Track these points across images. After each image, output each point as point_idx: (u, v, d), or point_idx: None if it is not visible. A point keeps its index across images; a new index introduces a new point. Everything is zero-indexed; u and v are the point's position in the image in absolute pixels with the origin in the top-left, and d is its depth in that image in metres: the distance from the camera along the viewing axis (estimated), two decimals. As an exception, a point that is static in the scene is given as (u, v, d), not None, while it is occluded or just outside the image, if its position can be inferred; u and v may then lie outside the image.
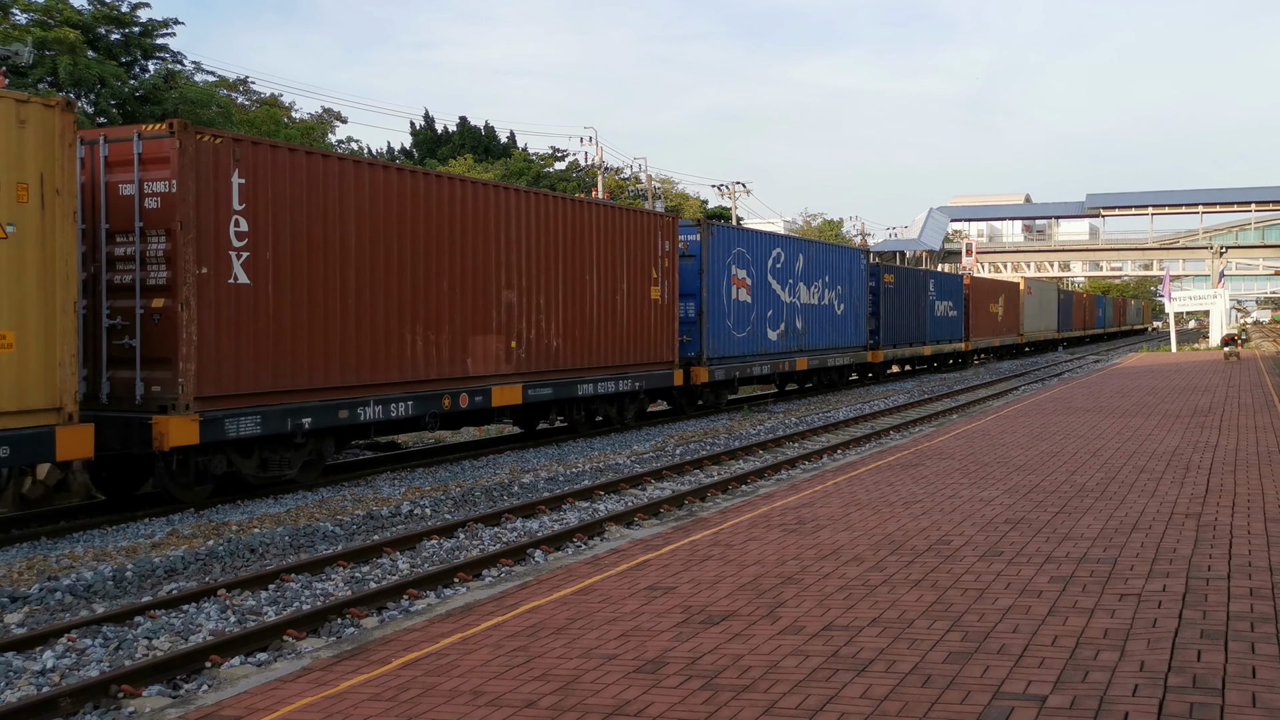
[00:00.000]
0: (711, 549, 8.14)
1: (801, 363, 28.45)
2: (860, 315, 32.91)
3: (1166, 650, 5.32)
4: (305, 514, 12.60)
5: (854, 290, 32.38)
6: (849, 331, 31.96)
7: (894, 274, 36.50)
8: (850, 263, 32.47)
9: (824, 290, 30.15)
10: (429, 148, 63.91)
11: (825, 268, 30.22)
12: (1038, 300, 60.87)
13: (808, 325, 28.94)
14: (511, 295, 17.35)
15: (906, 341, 37.68)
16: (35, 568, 10.01)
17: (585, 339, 19.31)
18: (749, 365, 25.53)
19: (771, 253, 27.14)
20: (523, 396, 17.52)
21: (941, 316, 41.93)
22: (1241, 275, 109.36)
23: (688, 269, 23.26)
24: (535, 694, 5.04)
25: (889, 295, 35.56)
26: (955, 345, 43.62)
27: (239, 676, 6.88)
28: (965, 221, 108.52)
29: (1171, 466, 11.78)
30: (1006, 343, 53.08)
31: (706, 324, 23.43)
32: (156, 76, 34.76)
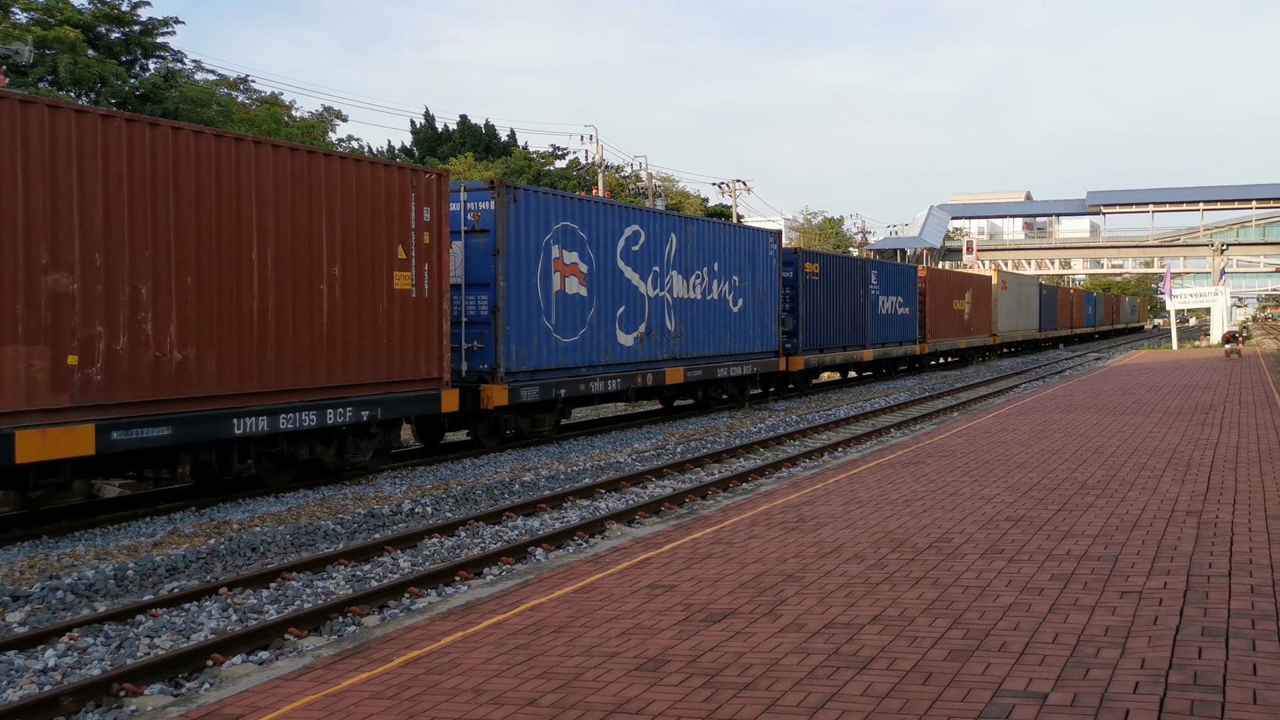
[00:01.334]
0: (712, 547, 8.14)
1: (674, 374, 22.04)
2: (768, 313, 26.77)
3: (1167, 647, 5.32)
4: (306, 512, 12.61)
5: (760, 282, 26.28)
6: (752, 333, 25.93)
7: (820, 263, 30.23)
8: (753, 248, 26.23)
9: (711, 281, 23.94)
10: (429, 146, 63.90)
11: (713, 253, 24.12)
12: (1014, 296, 54.12)
13: (686, 326, 22.82)
14: (66, 280, 10.90)
15: (839, 344, 31.40)
16: (37, 566, 10.02)
17: (249, 347, 12.79)
18: (584, 380, 19.21)
19: (624, 231, 20.70)
20: (95, 446, 11.00)
21: (888, 315, 35.64)
22: (1243, 273, 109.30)
23: (478, 249, 17.19)
24: (536, 692, 5.05)
25: (813, 289, 29.39)
26: (908, 348, 37.67)
27: (241, 675, 6.89)
28: (966, 219, 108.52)
29: (1173, 464, 11.78)
30: (975, 344, 46.79)
31: (507, 325, 17.18)
32: (156, 75, 34.76)
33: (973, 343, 46.40)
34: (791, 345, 28.34)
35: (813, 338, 29.55)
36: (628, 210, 21.41)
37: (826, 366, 32.02)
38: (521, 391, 17.54)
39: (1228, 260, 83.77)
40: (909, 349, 37.91)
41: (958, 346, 44.08)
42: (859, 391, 31.66)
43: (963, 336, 44.71)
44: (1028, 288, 58.35)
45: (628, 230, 20.96)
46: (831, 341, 30.87)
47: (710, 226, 24.66)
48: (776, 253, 27.60)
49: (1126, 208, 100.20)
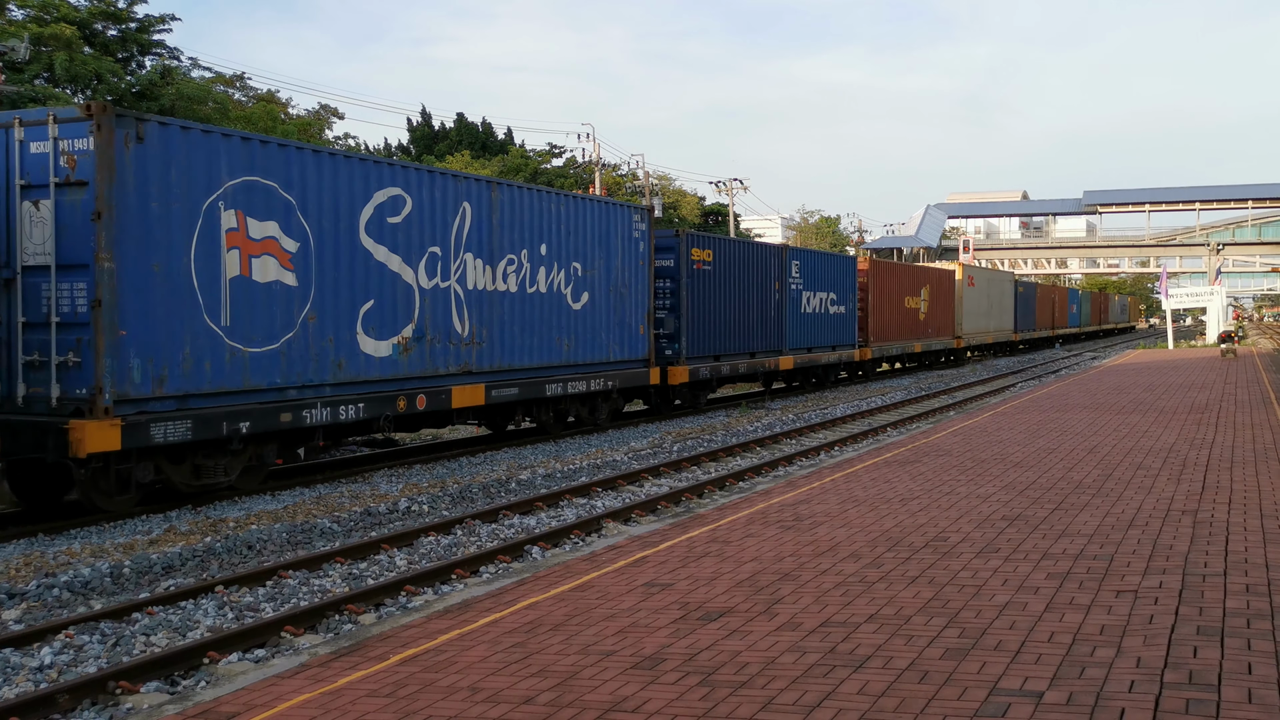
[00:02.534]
0: (709, 546, 8.15)
1: (467, 394, 16.46)
2: (632, 312, 21.18)
3: (1163, 647, 5.33)
4: (303, 511, 12.60)
5: (619, 272, 20.72)
6: (606, 338, 20.29)
7: (714, 249, 24.51)
8: (605, 227, 20.25)
9: (536, 270, 18.29)
10: (426, 144, 63.87)
11: (538, 231, 18.33)
12: (983, 294, 48.34)
13: (492, 329, 17.22)
14: None
15: (743, 350, 25.79)
16: (33, 564, 10.01)
17: None
18: (291, 408, 13.52)
19: (373, 196, 14.75)
20: None
21: (816, 314, 30.15)
22: (1239, 272, 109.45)
23: (74, 211, 11.56)
24: (533, 690, 5.05)
25: (703, 282, 23.83)
26: (844, 353, 31.90)
27: (237, 673, 6.88)
28: (963, 218, 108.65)
29: (1168, 463, 11.80)
30: (935, 347, 41.06)
31: (121, 328, 11.60)
32: (153, 72, 34.71)
33: (931, 346, 40.58)
34: (672, 352, 22.73)
35: (703, 342, 23.80)
36: (380, 167, 15.04)
37: (726, 378, 25.70)
38: (154, 429, 11.80)
39: (1224, 260, 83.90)
40: (845, 354, 32.11)
41: (911, 350, 38.34)
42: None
43: (918, 339, 38.95)
44: (1000, 284, 52.53)
45: (380, 195, 14.91)
46: (732, 346, 25.20)
47: (532, 196, 18.40)
48: (646, 235, 21.48)
49: (1123, 207, 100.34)
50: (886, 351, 35.96)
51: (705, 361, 24.05)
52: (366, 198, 14.71)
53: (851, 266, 33.23)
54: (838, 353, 31.64)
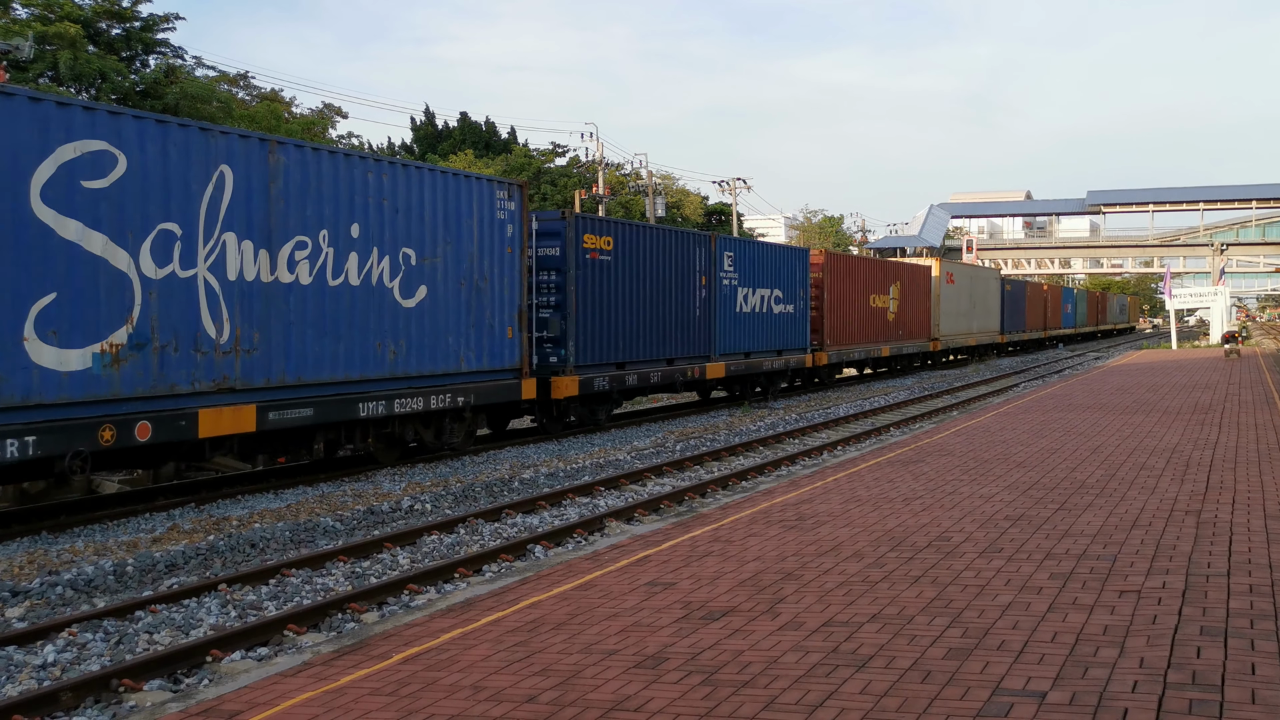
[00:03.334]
0: (711, 545, 8.15)
1: (228, 418, 12.61)
2: (500, 310, 17.23)
3: (1166, 647, 5.33)
4: (306, 509, 12.62)
5: (476, 261, 16.70)
6: (454, 343, 16.31)
7: (615, 236, 20.53)
8: (456, 204, 16.32)
9: (348, 255, 14.37)
10: (430, 143, 63.89)
11: (350, 207, 14.37)
12: (964, 292, 44.63)
13: (276, 332, 13.33)
14: None
15: (657, 356, 21.98)
16: (36, 562, 10.02)
17: None
18: None
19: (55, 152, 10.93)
20: None
21: (756, 314, 26.46)
22: (1242, 273, 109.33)
23: None
24: (535, 689, 5.05)
25: (600, 276, 19.98)
26: (792, 358, 28.17)
27: (240, 671, 6.89)
28: (966, 218, 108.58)
29: (1172, 463, 11.78)
30: (907, 350, 37.54)
31: None
32: (157, 71, 34.76)
33: (902, 349, 37.00)
34: (558, 360, 19.13)
35: (600, 347, 20.11)
36: (69, 111, 11.17)
37: (632, 389, 21.66)
38: None
39: (1227, 260, 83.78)
40: (794, 359, 28.35)
41: (877, 354, 34.63)
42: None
43: (886, 342, 35.32)
44: (984, 282, 48.89)
45: (69, 150, 11.08)
46: (642, 351, 21.50)
47: (336, 162, 14.27)
48: (516, 216, 17.50)
49: (1126, 207, 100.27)
50: (847, 356, 32.23)
51: (603, 370, 20.19)
52: (44, 152, 10.82)
53: (801, 260, 29.33)
54: (785, 358, 27.77)
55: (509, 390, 17.59)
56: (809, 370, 30.20)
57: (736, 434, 20.00)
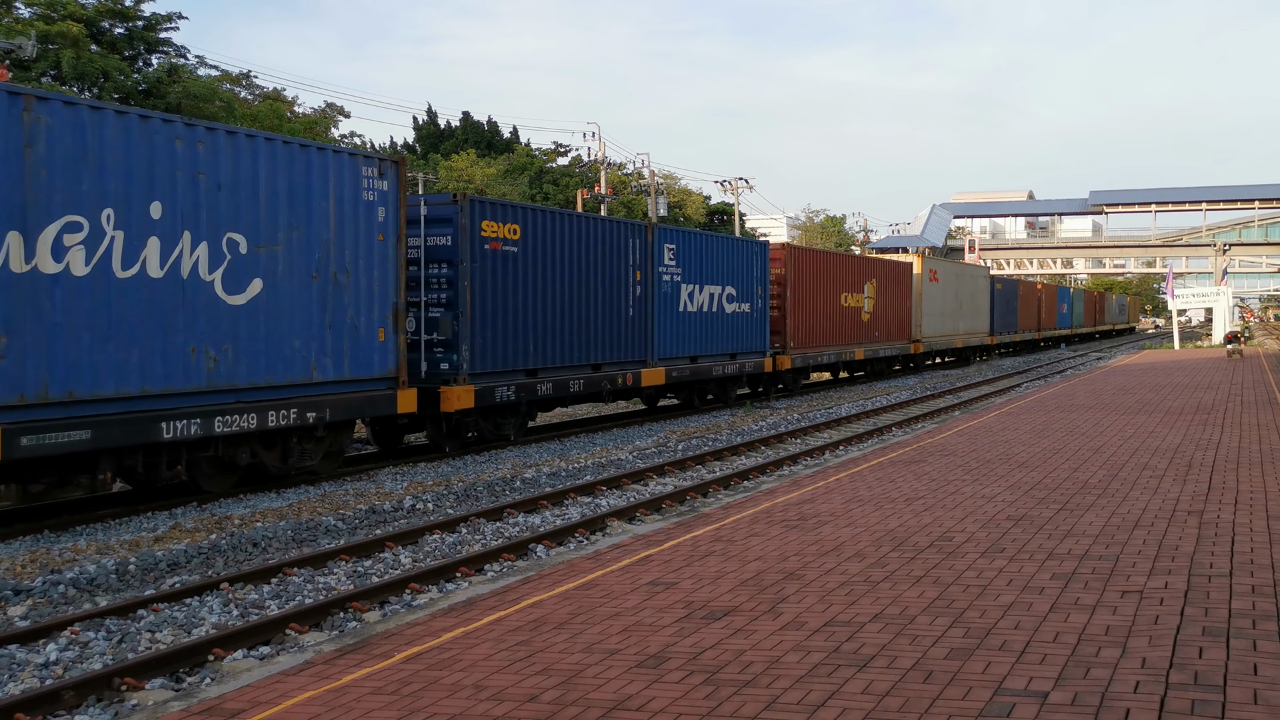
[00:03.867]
0: (713, 545, 8.15)
1: None
2: (366, 307, 14.63)
3: (1168, 647, 5.32)
4: (308, 508, 12.62)
5: (337, 249, 14.15)
6: (305, 346, 13.73)
7: (523, 223, 17.94)
8: (306, 181, 13.67)
9: (147, 241, 11.87)
10: (432, 142, 63.92)
11: (150, 183, 11.91)
12: (949, 290, 42.03)
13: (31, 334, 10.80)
14: None
15: (578, 360, 19.42)
16: (38, 561, 10.03)
17: None
18: None
19: None
20: None
21: (705, 314, 23.89)
22: (1245, 273, 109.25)
23: None
24: (537, 688, 5.05)
25: (505, 269, 17.44)
26: (748, 361, 25.73)
27: (241, 670, 6.89)
28: (968, 218, 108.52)
29: (1174, 464, 11.77)
30: (885, 353, 35.22)
31: None
32: (160, 70, 34.79)
33: (879, 351, 34.58)
34: (449, 366, 16.62)
35: (504, 352, 17.50)
36: None
37: (547, 399, 18.96)
38: None
39: (1230, 260, 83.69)
40: (752, 363, 25.96)
41: (850, 357, 32.04)
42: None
43: (861, 344, 32.86)
44: (971, 280, 46.10)
45: None
46: (558, 357, 18.86)
47: (127, 124, 11.66)
48: (389, 198, 14.81)
49: (1129, 207, 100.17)
50: (814, 359, 29.56)
51: (508, 379, 17.59)
52: None
53: (759, 255, 26.70)
54: (740, 362, 25.37)
55: (379, 403, 14.87)
56: (770, 375, 27.54)
57: (738, 433, 20.00)
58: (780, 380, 28.80)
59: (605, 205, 49.52)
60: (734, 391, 26.34)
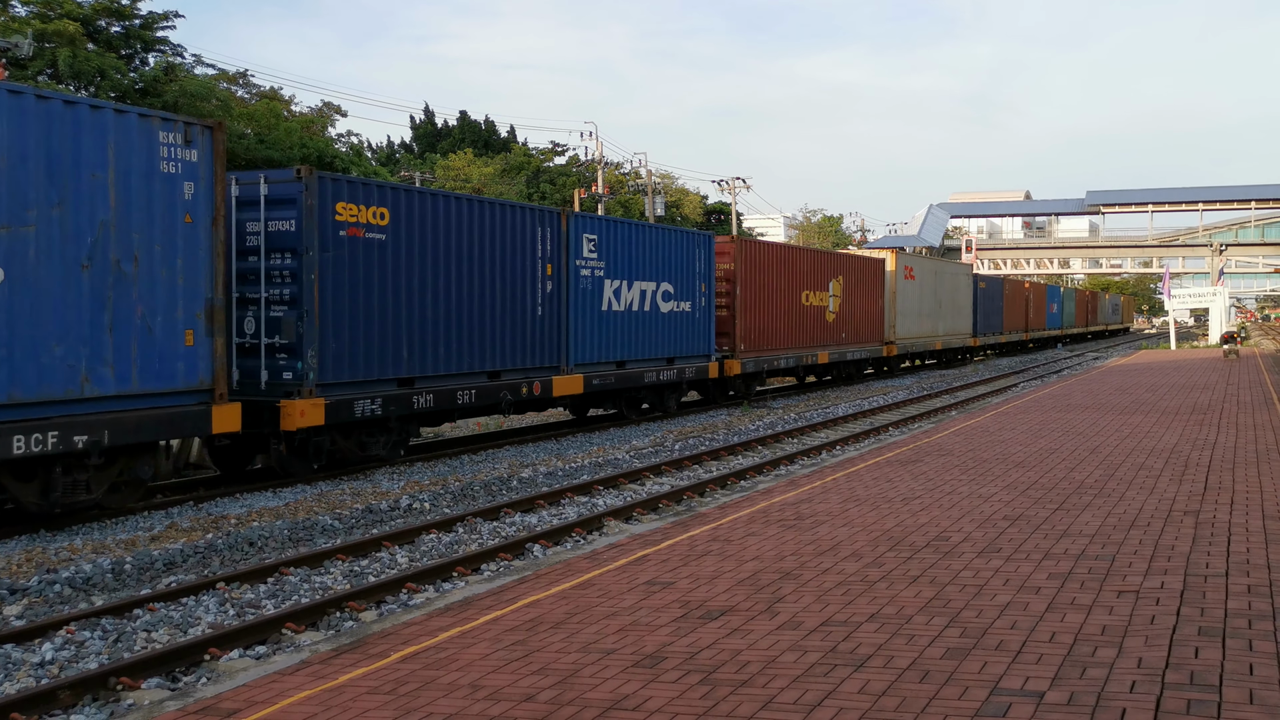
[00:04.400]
0: (710, 544, 8.15)
1: None
2: (163, 303, 12.01)
3: (1164, 647, 5.33)
4: (304, 508, 12.61)
5: (117, 232, 11.53)
6: (65, 353, 11.03)
7: (394, 205, 15.30)
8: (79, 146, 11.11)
9: None
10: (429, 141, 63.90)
11: None
12: (927, 289, 39.91)
13: None
14: None
15: (471, 367, 16.78)
16: (34, 560, 10.02)
17: None
18: None
19: None
20: None
21: (634, 313, 21.26)
22: (1241, 273, 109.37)
23: None
24: (534, 687, 5.05)
25: (366, 260, 14.90)
26: (691, 366, 23.28)
27: (238, 669, 6.89)
28: (965, 218, 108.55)
29: (1170, 464, 11.79)
30: (852, 355, 32.76)
31: None
32: (156, 69, 34.75)
33: (846, 354, 32.21)
34: (293, 375, 13.98)
35: (366, 358, 14.85)
36: None
37: (428, 413, 16.14)
38: None
39: (1226, 261, 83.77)
40: (693, 369, 23.38)
41: (812, 361, 29.61)
42: None
43: (825, 346, 30.53)
44: (952, 278, 43.71)
45: None
46: (444, 364, 16.24)
47: None
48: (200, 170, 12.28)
49: (1126, 207, 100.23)
50: (770, 363, 27.06)
51: (372, 389, 14.97)
52: None
53: (703, 248, 24.03)
54: (678, 367, 22.78)
55: (184, 421, 12.17)
56: (717, 381, 25.11)
57: (735, 433, 20.00)
58: (730, 386, 26.21)
59: (602, 204, 49.52)
60: (673, 400, 23.58)
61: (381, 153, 63.36)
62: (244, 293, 14.21)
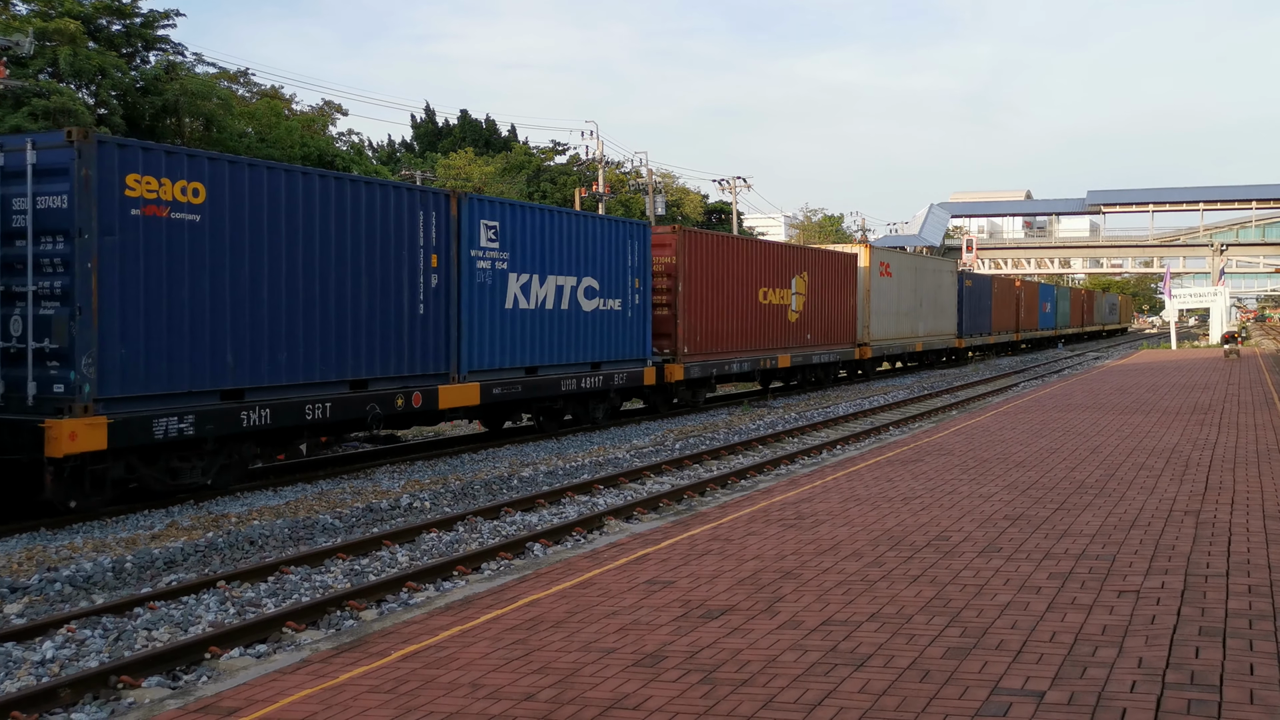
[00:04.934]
0: (710, 544, 8.15)
1: None
2: None
3: (1165, 647, 5.33)
4: (304, 506, 12.62)
5: None
6: None
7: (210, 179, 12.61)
8: None
9: None
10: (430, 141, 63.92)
11: None
12: (906, 287, 37.26)
13: None
14: None
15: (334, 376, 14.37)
16: (35, 558, 10.02)
17: None
18: None
19: None
20: None
21: (551, 311, 18.63)
22: (1242, 273, 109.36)
23: None
24: (534, 686, 5.05)
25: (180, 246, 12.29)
26: (619, 371, 20.43)
27: (238, 668, 6.89)
28: (966, 218, 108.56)
29: (1171, 464, 11.78)
30: (819, 358, 29.78)
31: None
32: (157, 68, 34.77)
33: (813, 357, 29.37)
34: (65, 389, 11.36)
35: (170, 366, 12.23)
36: None
37: (264, 432, 13.53)
38: None
39: (1227, 260, 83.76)
40: (625, 374, 20.59)
41: (771, 365, 26.93)
42: None
43: (787, 348, 27.75)
44: (935, 275, 40.78)
45: None
46: (287, 371, 13.61)
47: None
48: None
49: (1126, 207, 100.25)
50: (720, 368, 24.36)
51: (182, 405, 12.34)
52: None
53: (636, 238, 21.13)
54: (605, 373, 19.96)
55: None
56: (657, 388, 22.43)
57: (735, 432, 20.00)
58: (673, 394, 23.48)
59: (603, 204, 49.53)
60: (600, 410, 20.65)
61: (382, 151, 63.39)
62: (10, 285, 11.63)
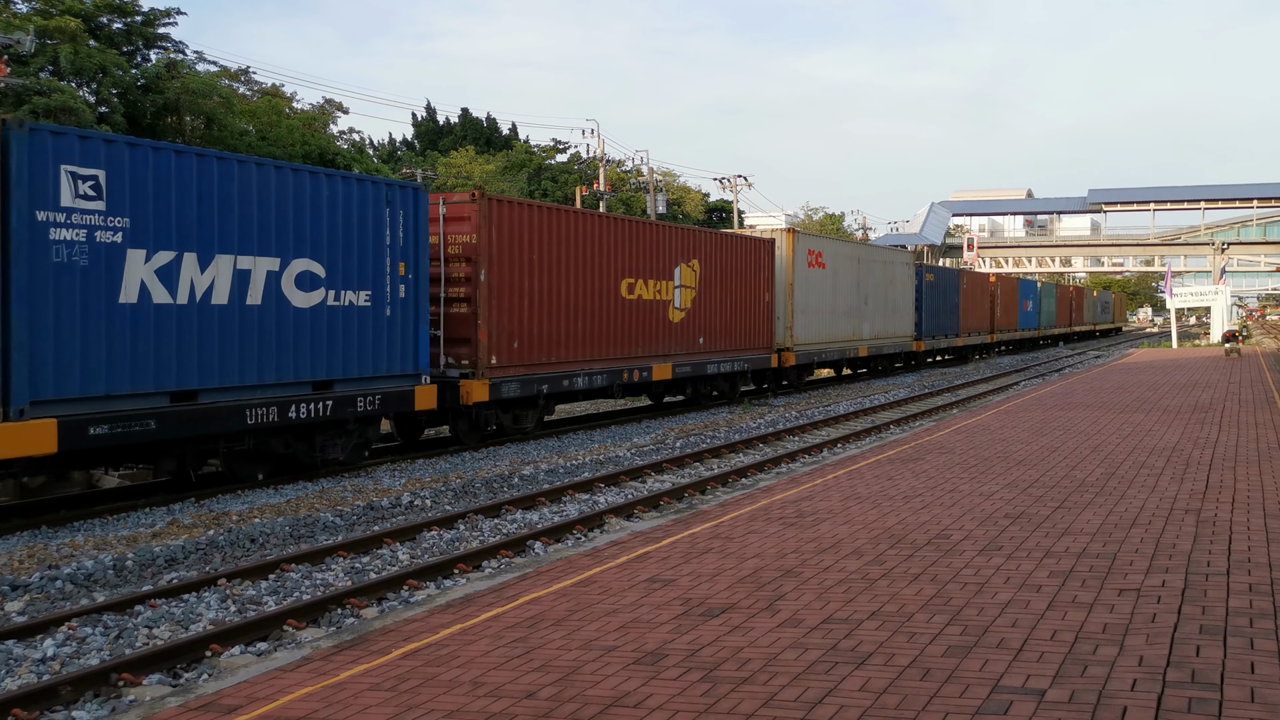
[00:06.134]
0: (711, 542, 8.15)
1: None
2: None
3: (1165, 645, 5.33)
4: (305, 504, 12.62)
5: None
6: None
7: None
8: None
9: None
10: (430, 139, 63.90)
11: None
12: (845, 281, 31.32)
13: None
14: None
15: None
16: (36, 556, 10.03)
17: None
18: None
19: None
20: None
21: (227, 306, 12.65)
22: (1243, 272, 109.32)
23: None
24: (535, 685, 5.05)
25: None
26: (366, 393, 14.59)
27: (239, 666, 6.89)
28: (967, 216, 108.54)
29: (1172, 462, 11.78)
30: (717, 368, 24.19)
31: None
32: (158, 66, 34.76)
33: (707, 366, 23.77)
34: None
35: None
36: None
37: None
38: None
39: (1228, 259, 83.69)
40: (371, 397, 14.75)
41: (643, 377, 21.39)
42: None
43: (667, 356, 22.26)
44: (884, 268, 34.87)
45: None
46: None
47: None
48: None
49: (1128, 206, 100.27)
50: (553, 383, 18.67)
51: None
52: None
53: (399, 206, 15.24)
54: (339, 395, 14.22)
55: None
56: (440, 413, 17.05)
57: (736, 431, 20.00)
58: (483, 420, 17.75)
59: (604, 202, 49.52)
60: (338, 448, 14.81)
61: (383, 150, 63.36)
62: None
